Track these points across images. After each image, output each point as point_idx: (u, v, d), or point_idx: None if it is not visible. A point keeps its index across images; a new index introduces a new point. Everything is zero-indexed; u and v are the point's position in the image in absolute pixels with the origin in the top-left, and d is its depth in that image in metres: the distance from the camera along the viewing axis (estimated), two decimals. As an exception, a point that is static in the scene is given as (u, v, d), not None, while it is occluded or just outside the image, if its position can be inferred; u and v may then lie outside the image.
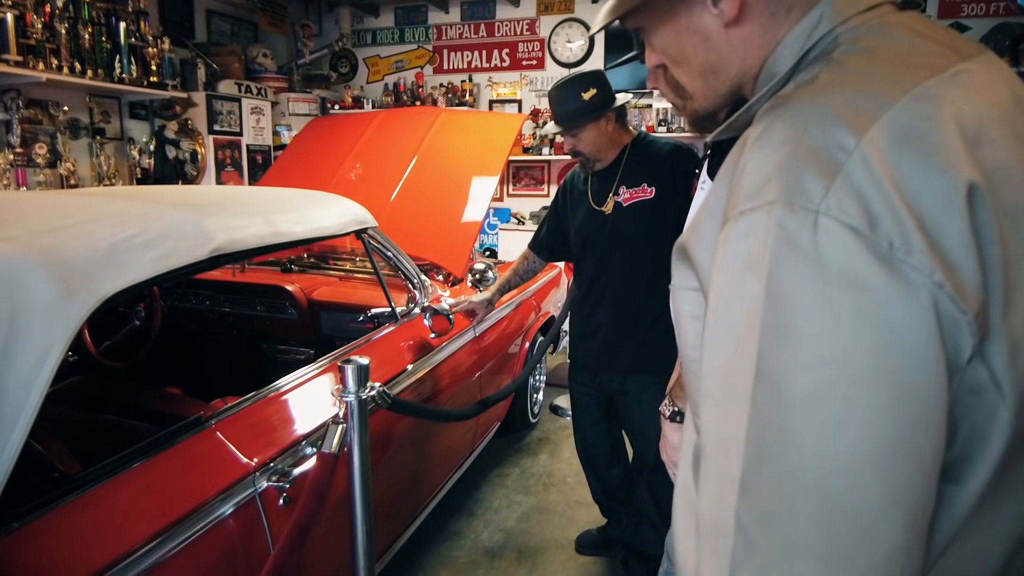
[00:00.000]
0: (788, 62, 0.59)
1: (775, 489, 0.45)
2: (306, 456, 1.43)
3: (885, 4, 0.58)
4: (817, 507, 0.43)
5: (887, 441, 0.43)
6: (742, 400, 0.46)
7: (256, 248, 1.52)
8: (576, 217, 2.05)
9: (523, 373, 2.68)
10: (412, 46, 5.57)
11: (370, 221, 2.02)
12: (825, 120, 0.48)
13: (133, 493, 1.14)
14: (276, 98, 4.95)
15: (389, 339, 2.02)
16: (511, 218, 5.36)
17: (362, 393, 1.31)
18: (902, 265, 0.44)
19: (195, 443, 1.29)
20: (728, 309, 0.49)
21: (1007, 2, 4.09)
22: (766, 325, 0.45)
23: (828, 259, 0.44)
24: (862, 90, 0.50)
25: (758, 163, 0.50)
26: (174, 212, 1.39)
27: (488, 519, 2.51)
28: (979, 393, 0.47)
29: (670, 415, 1.24)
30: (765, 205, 0.47)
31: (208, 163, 4.29)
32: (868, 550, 0.43)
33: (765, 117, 0.53)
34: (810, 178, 0.46)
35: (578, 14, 5.07)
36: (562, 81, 1.91)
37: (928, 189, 0.45)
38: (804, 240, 0.45)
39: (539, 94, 5.28)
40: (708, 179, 1.21)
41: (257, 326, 2.65)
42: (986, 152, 0.49)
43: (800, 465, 0.44)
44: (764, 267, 0.46)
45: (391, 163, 3.27)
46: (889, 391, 0.43)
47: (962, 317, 0.45)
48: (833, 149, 0.46)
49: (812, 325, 0.44)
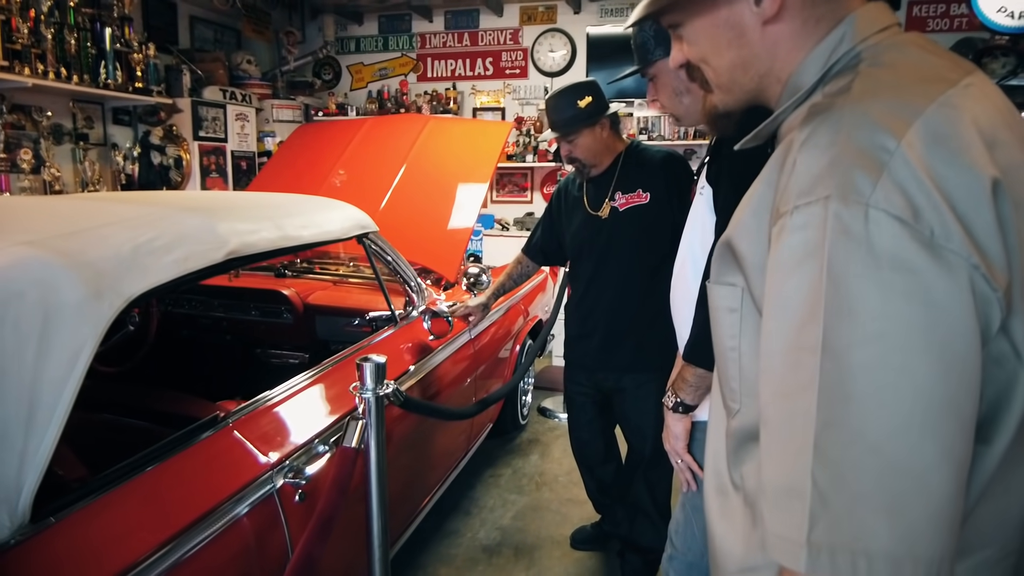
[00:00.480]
0: (813, 76, 0.66)
1: (845, 450, 0.51)
2: (319, 454, 1.47)
3: (894, 25, 0.66)
4: (881, 464, 0.50)
5: (937, 403, 0.50)
6: (809, 374, 0.52)
7: (267, 251, 1.56)
8: (572, 222, 2.11)
9: (518, 374, 2.73)
10: (396, 54, 5.62)
11: (371, 226, 2.06)
12: (867, 124, 0.55)
13: (157, 490, 1.17)
14: (260, 104, 4.96)
15: (390, 341, 2.06)
16: (495, 224, 5.42)
17: (379, 390, 1.36)
18: (943, 250, 0.50)
19: (214, 442, 1.32)
20: (789, 293, 0.55)
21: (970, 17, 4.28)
22: (828, 304, 0.52)
23: (879, 246, 0.51)
24: (895, 99, 0.57)
25: (809, 163, 0.56)
26: (188, 216, 1.42)
27: (484, 518, 2.56)
28: (1002, 363, 0.55)
29: (673, 406, 1.30)
30: (821, 200, 0.53)
31: (193, 169, 4.27)
32: (923, 500, 0.50)
33: (809, 122, 0.59)
34: (859, 175, 0.52)
35: (560, 24, 5.17)
36: (559, 90, 1.99)
37: (960, 184, 0.52)
38: (857, 229, 0.51)
39: (522, 102, 5.36)
40: (707, 184, 1.28)
41: (251, 331, 2.66)
42: (1000, 153, 0.56)
43: (865, 428, 0.50)
44: (823, 254, 0.52)
45: (380, 170, 3.30)
46: (937, 359, 0.50)
47: (993, 294, 0.52)
48: (877, 150, 0.53)
49: (868, 304, 0.51)
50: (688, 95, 1.32)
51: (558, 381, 3.94)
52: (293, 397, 1.57)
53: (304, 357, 2.63)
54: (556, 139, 2.01)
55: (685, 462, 1.33)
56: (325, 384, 1.68)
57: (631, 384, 2.02)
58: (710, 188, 1.26)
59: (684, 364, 1.29)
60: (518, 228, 5.33)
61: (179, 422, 1.35)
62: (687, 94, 1.32)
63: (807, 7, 0.65)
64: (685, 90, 1.32)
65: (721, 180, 1.22)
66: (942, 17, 4.52)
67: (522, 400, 3.44)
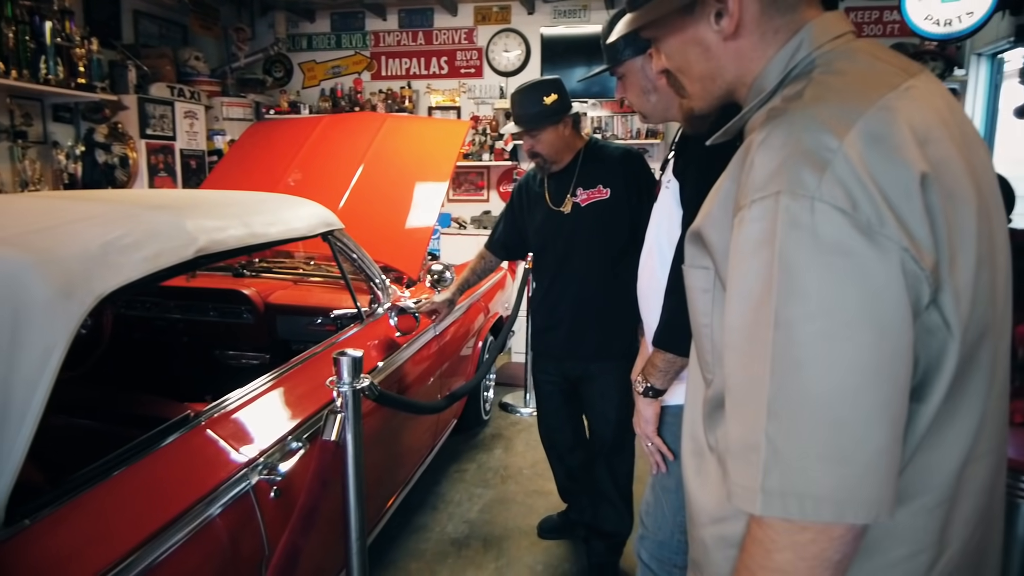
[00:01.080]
0: (774, 79, 0.73)
1: (794, 410, 0.59)
2: (293, 451, 1.47)
3: (848, 32, 0.73)
4: (825, 421, 0.58)
5: (873, 367, 0.58)
6: (764, 345, 0.60)
7: (235, 249, 1.55)
8: (534, 218, 2.16)
9: (482, 369, 2.77)
10: (349, 52, 5.56)
11: (337, 223, 2.06)
12: (814, 127, 0.62)
13: (131, 492, 1.16)
14: (210, 102, 4.84)
15: (357, 339, 2.07)
16: (452, 223, 5.43)
17: (356, 384, 1.37)
18: (878, 236, 0.58)
19: (186, 441, 1.31)
20: (747, 275, 0.63)
21: (901, 24, 4.53)
22: (779, 285, 0.59)
23: (824, 233, 0.58)
24: (839, 103, 0.64)
25: (764, 162, 0.63)
26: (156, 214, 1.41)
27: (451, 512, 2.58)
28: (933, 332, 0.63)
29: (643, 391, 1.36)
30: (773, 195, 0.61)
31: (140, 168, 4.14)
32: (863, 450, 0.58)
33: (765, 125, 0.66)
34: (806, 172, 0.60)
35: (515, 24, 5.22)
36: (526, 86, 2.03)
37: (893, 178, 0.60)
38: (804, 219, 0.59)
39: (478, 102, 5.39)
40: (674, 178, 1.34)
41: (209, 332, 2.61)
42: (932, 149, 0.64)
43: (811, 390, 0.58)
44: (775, 241, 0.60)
45: (338, 170, 3.27)
46: (873, 330, 0.58)
47: (921, 273, 0.60)
48: (822, 150, 0.60)
49: (814, 284, 0.58)
50: (655, 93, 1.37)
51: (518, 377, 4.02)
52: (264, 395, 1.56)
53: (265, 358, 2.60)
54: (520, 133, 2.05)
55: (655, 445, 1.38)
56: (294, 382, 1.68)
57: (597, 372, 2.08)
58: (676, 182, 1.32)
59: (654, 350, 1.34)
60: (475, 227, 5.36)
61: (148, 423, 1.33)
62: (654, 92, 1.37)
63: (764, 21, 0.73)
64: (652, 88, 1.37)
65: (688, 174, 1.28)
66: (876, 23, 4.76)
67: (484, 396, 3.48)
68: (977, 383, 0.67)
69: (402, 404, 1.88)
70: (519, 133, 2.05)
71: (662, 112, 1.39)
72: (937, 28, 3.39)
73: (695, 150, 1.23)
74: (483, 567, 2.25)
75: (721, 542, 0.77)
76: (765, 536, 0.61)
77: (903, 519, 0.66)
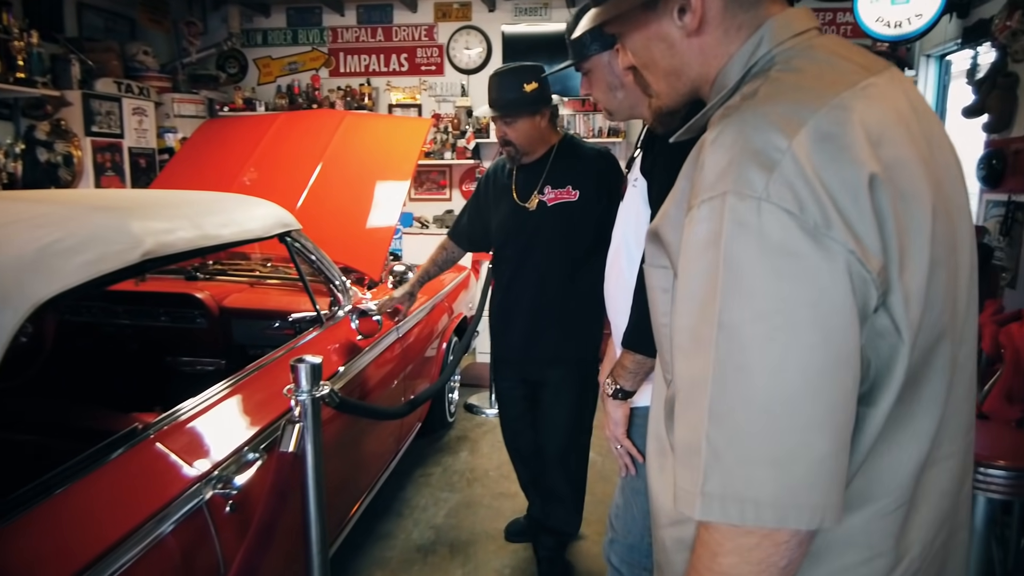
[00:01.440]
0: (735, 76, 0.71)
1: (735, 413, 0.57)
2: (249, 462, 1.41)
3: (812, 29, 0.71)
4: (767, 425, 0.56)
5: (818, 372, 0.56)
6: (707, 347, 0.59)
7: (185, 252, 1.48)
8: (499, 210, 2.09)
9: (447, 372, 2.72)
10: (306, 48, 5.44)
11: (294, 224, 2.00)
12: (764, 127, 0.60)
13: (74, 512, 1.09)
14: (160, 98, 4.67)
15: (316, 343, 2.00)
16: (414, 222, 5.36)
17: (316, 392, 1.32)
18: (824, 238, 0.57)
19: (134, 456, 1.24)
20: (694, 276, 0.61)
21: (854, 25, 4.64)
22: (724, 286, 0.58)
23: (770, 235, 0.57)
24: (792, 102, 0.62)
25: (714, 161, 0.62)
26: (97, 215, 1.33)
27: (416, 518, 2.53)
28: (884, 336, 0.62)
29: (612, 393, 1.33)
30: (720, 195, 0.59)
31: (85, 167, 3.97)
32: (805, 456, 0.56)
33: (718, 124, 0.64)
34: (754, 173, 0.58)
35: (475, 22, 5.18)
36: (506, 68, 1.94)
37: (840, 179, 0.58)
38: (751, 220, 0.57)
39: (439, 99, 5.34)
40: (640, 176, 1.31)
41: (160, 338, 2.51)
42: (887, 150, 0.62)
43: (753, 393, 0.57)
44: (721, 242, 0.58)
45: (295, 168, 3.18)
46: (818, 333, 0.56)
47: (868, 276, 0.58)
48: (770, 150, 0.59)
49: (759, 285, 0.57)
50: (622, 90, 1.34)
51: (483, 377, 3.98)
52: (218, 404, 1.49)
53: (220, 364, 2.51)
54: (493, 118, 1.98)
55: (624, 447, 1.36)
56: (251, 389, 1.61)
57: (553, 377, 2.04)
58: (644, 180, 1.29)
59: (623, 351, 1.31)
60: (438, 226, 5.30)
61: (93, 437, 1.26)
62: (621, 88, 1.34)
63: (727, 18, 0.71)
64: (619, 85, 1.34)
65: (655, 172, 1.26)
66: (830, 24, 4.87)
67: (449, 398, 3.43)
68: (934, 387, 0.66)
69: (364, 411, 1.82)
70: (493, 118, 1.98)
71: (628, 109, 1.37)
72: (888, 30, 3.48)
73: (662, 147, 1.22)
74: (450, 573, 2.21)
75: (679, 544, 0.75)
76: (711, 539, 0.60)
77: (856, 523, 0.65)
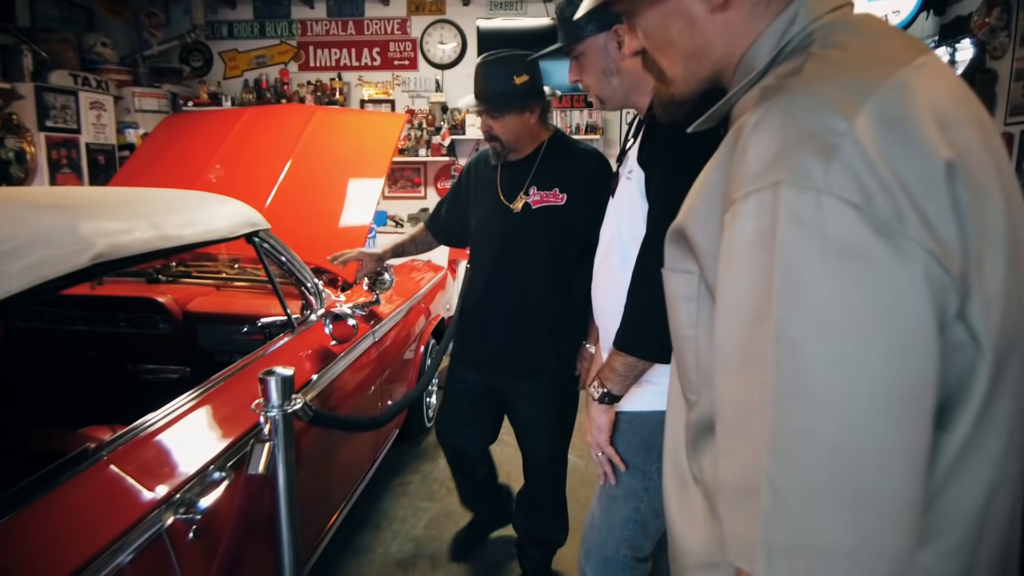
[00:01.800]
0: (766, 56, 0.63)
1: (801, 448, 0.49)
2: (215, 482, 1.29)
3: (847, 5, 0.64)
4: (838, 461, 0.48)
5: (895, 396, 0.48)
6: (763, 367, 0.50)
7: (142, 254, 1.36)
8: (480, 206, 1.96)
9: (427, 375, 2.62)
10: (274, 41, 5.27)
11: (262, 223, 1.88)
12: (818, 107, 0.52)
13: (16, 546, 0.97)
14: (119, 92, 4.47)
15: (287, 349, 1.89)
16: (388, 221, 5.23)
17: (287, 407, 1.21)
18: (897, 236, 0.48)
19: (85, 480, 1.12)
20: (741, 283, 0.53)
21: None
22: (781, 295, 0.49)
23: (832, 233, 0.48)
24: (846, 80, 0.54)
25: (760, 147, 0.53)
26: (43, 215, 1.21)
27: (395, 530, 2.43)
28: (960, 349, 0.54)
29: (599, 397, 1.25)
30: (771, 185, 0.51)
31: (40, 164, 3.77)
32: (883, 495, 0.48)
33: (760, 105, 0.56)
34: (810, 159, 0.50)
35: (449, 15, 5.07)
36: (494, 57, 1.78)
37: (913, 167, 0.50)
38: (809, 216, 0.49)
39: (412, 95, 5.22)
40: (637, 168, 1.21)
41: (120, 345, 2.37)
42: (954, 134, 0.54)
43: (821, 424, 0.48)
44: (775, 243, 0.50)
45: (263, 165, 3.05)
46: (893, 350, 0.48)
47: (948, 280, 0.50)
48: (828, 133, 0.50)
49: (823, 294, 0.48)
50: (617, 76, 1.24)
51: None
52: (181, 419, 1.37)
53: (185, 371, 2.38)
54: (478, 112, 1.83)
55: (606, 454, 1.28)
56: (217, 401, 1.50)
57: (528, 391, 1.92)
58: (641, 171, 1.20)
59: (613, 352, 1.22)
60: (413, 224, 5.18)
61: (41, 460, 1.13)
62: (616, 75, 1.24)
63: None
64: (615, 70, 1.23)
65: (655, 163, 1.16)
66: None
67: (427, 402, 3.33)
68: (1004, 403, 0.58)
69: (341, 423, 1.72)
70: (478, 111, 1.83)
71: (622, 97, 1.27)
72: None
73: (664, 136, 1.13)
74: (431, 588, 2.11)
75: None
76: None
77: (923, 563, 0.57)
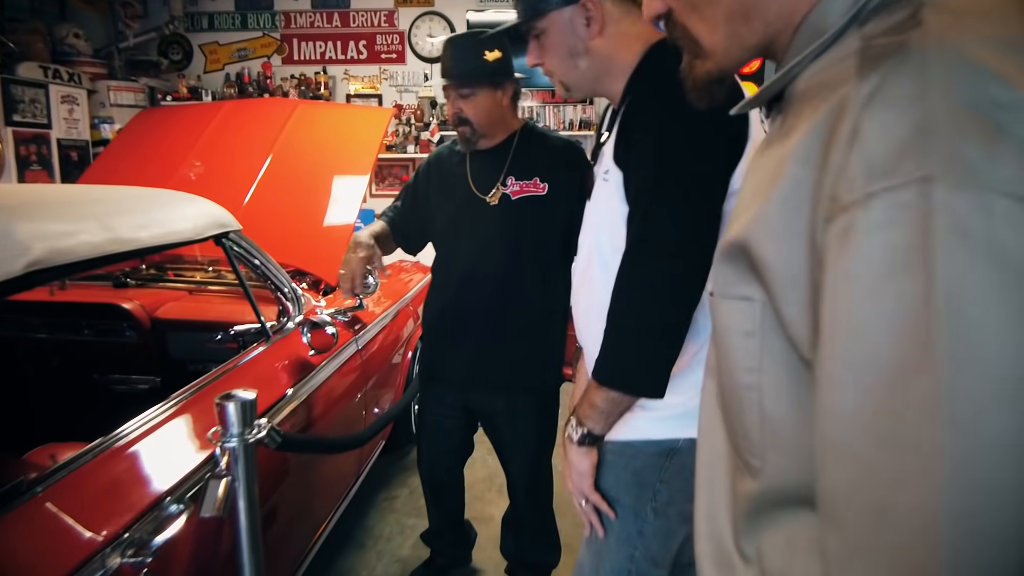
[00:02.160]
0: (842, 14, 0.47)
1: (982, 568, 0.33)
2: (172, 516, 1.14)
3: None
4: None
5: None
6: (916, 452, 0.35)
7: (90, 259, 1.21)
8: (447, 203, 1.80)
9: (412, 388, 2.48)
10: (257, 33, 5.10)
11: (232, 224, 1.72)
12: (968, 69, 0.37)
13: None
14: (93, 86, 4.29)
15: (261, 360, 1.74)
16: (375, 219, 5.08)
17: (248, 436, 1.06)
18: None
19: (16, 521, 0.97)
20: (870, 325, 0.37)
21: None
22: (945, 346, 0.34)
23: (1016, 249, 0.33)
24: (998, 31, 0.39)
25: (885, 127, 0.38)
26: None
27: (380, 550, 2.28)
28: None
29: (579, 439, 1.07)
30: (914, 182, 0.35)
31: (7, 160, 3.59)
32: None
33: (870, 73, 0.41)
34: (970, 144, 0.35)
35: (438, 7, 4.92)
36: (463, 34, 1.73)
37: None
38: (980, 227, 0.33)
39: (400, 89, 5.06)
40: (614, 167, 1.04)
41: (84, 354, 2.21)
42: None
43: (1013, 536, 0.33)
44: (927, 266, 0.34)
45: (242, 161, 2.90)
46: None
47: None
48: (988, 106, 0.35)
49: (1010, 344, 0.33)
50: (586, 57, 1.06)
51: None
52: (138, 441, 1.22)
53: (155, 381, 2.22)
54: (447, 89, 1.71)
55: (592, 502, 1.10)
56: (180, 421, 1.35)
57: (506, 405, 1.78)
58: (619, 171, 1.03)
59: (594, 386, 1.03)
60: (401, 223, 5.03)
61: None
62: (585, 56, 1.06)
63: None
64: (583, 51, 1.06)
65: (632, 160, 1.00)
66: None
67: (415, 410, 3.18)
68: None
69: (315, 446, 1.57)
70: (447, 89, 1.71)
71: (591, 82, 1.09)
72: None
73: (643, 125, 0.97)
74: (419, 614, 1.97)
75: None
76: None
77: None
